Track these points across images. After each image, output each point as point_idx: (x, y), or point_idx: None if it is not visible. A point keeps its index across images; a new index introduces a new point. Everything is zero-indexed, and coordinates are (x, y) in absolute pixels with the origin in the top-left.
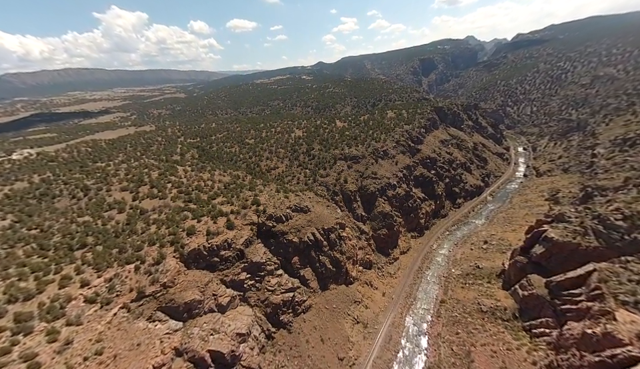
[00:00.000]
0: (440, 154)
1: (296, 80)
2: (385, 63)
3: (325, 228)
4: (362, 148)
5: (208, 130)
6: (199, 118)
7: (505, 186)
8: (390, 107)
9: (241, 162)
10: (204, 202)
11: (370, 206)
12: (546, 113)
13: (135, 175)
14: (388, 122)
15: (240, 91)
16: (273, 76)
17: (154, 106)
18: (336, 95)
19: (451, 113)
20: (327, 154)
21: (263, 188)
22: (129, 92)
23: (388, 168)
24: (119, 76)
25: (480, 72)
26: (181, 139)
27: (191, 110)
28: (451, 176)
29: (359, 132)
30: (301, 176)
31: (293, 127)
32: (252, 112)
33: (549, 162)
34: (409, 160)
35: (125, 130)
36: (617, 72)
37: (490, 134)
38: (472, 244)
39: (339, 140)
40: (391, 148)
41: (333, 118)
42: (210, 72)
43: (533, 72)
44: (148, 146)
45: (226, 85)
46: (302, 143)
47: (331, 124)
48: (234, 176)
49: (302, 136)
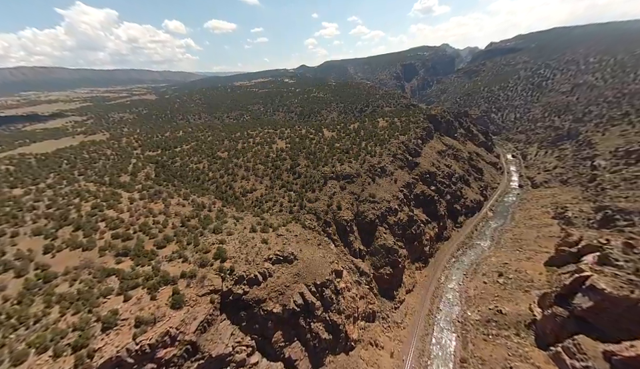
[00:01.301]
0: (439, 167)
1: (278, 83)
2: (368, 68)
3: (317, 283)
4: (356, 165)
5: (173, 140)
6: (165, 125)
7: (503, 199)
8: (380, 114)
9: (210, 182)
10: (145, 256)
11: (369, 238)
12: (529, 120)
13: (60, 208)
14: (381, 132)
15: (217, 94)
16: (254, 78)
17: (117, 109)
18: (321, 100)
19: (444, 121)
20: (315, 173)
21: (234, 226)
22: (93, 92)
23: (387, 187)
24: (83, 75)
25: (460, 78)
26: (137, 152)
27: (158, 115)
28: (451, 191)
29: (351, 143)
30: (285, 201)
31: (274, 137)
32: (229, 117)
33: (544, 172)
34: (408, 177)
35: (70, 139)
36: (596, 80)
37: (481, 142)
38: (484, 276)
39: (328, 154)
40: (388, 164)
41: (320, 126)
42: (187, 73)
43: (514, 79)
44: (91, 163)
45: (202, 87)
46: (285, 157)
47: (318, 134)
48: (197, 204)
49: (285, 148)
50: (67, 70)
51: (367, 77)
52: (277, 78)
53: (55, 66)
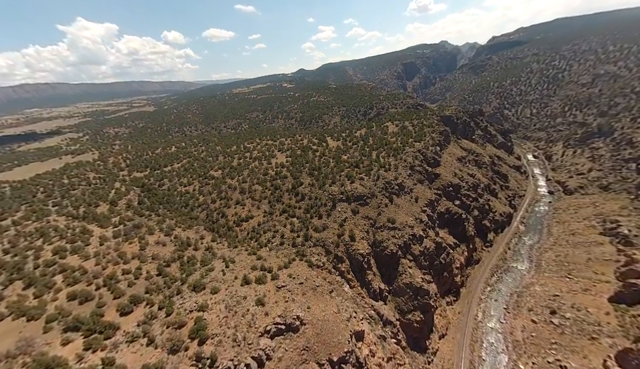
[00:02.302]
0: (462, 178)
1: (277, 88)
2: (367, 69)
3: (334, 359)
4: (369, 182)
5: (164, 157)
6: (160, 139)
7: (534, 209)
8: (387, 118)
9: (200, 208)
10: (101, 332)
11: (391, 273)
12: (548, 115)
13: (17, 254)
14: (392, 139)
15: (215, 103)
16: (252, 84)
17: (114, 123)
18: (322, 104)
19: (460, 122)
20: (321, 193)
21: (222, 276)
22: (94, 106)
23: (407, 208)
24: (85, 90)
25: (466, 74)
26: (123, 173)
27: (154, 128)
28: (478, 205)
29: (360, 155)
30: (286, 231)
31: (273, 149)
32: (226, 127)
33: (577, 176)
34: (430, 192)
35: (57, 161)
36: (619, 70)
37: (501, 143)
38: (531, 312)
39: (335, 170)
40: (405, 178)
41: (323, 134)
42: (187, 83)
43: (526, 72)
44: (70, 190)
45: (200, 96)
46: (286, 175)
47: (321, 144)
48: (181, 242)
49: (285, 163)
50: (69, 86)
51: (367, 78)
52: (275, 83)
53: (58, 82)
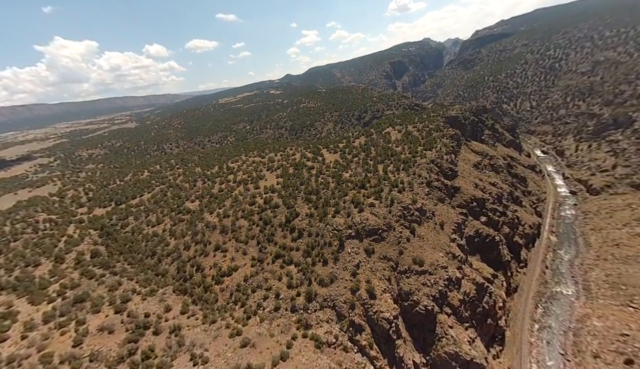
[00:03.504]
0: (484, 188)
1: (264, 96)
2: (354, 70)
3: None
4: (382, 209)
5: (134, 185)
6: (135, 160)
7: (559, 214)
8: (387, 122)
9: (170, 259)
10: None
11: (426, 336)
12: (549, 107)
13: None
14: (398, 147)
15: (199, 115)
16: (239, 93)
17: (89, 144)
18: (312, 111)
19: (468, 123)
20: (323, 227)
21: None
22: (74, 126)
23: (434, 240)
24: (65, 109)
25: (455, 70)
26: (82, 211)
27: (131, 147)
28: (507, 220)
29: (364, 171)
30: (282, 286)
31: (261, 168)
32: (210, 141)
33: (600, 174)
34: (454, 213)
35: (10, 197)
36: (619, 56)
37: (509, 142)
38: (598, 358)
39: (337, 193)
40: (424, 199)
41: (317, 146)
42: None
43: (521, 64)
44: (10, 242)
45: (183, 109)
46: (277, 203)
47: (317, 159)
48: (137, 321)
49: (276, 186)
50: (47, 106)
51: (355, 79)
52: (262, 90)
53: (36, 104)
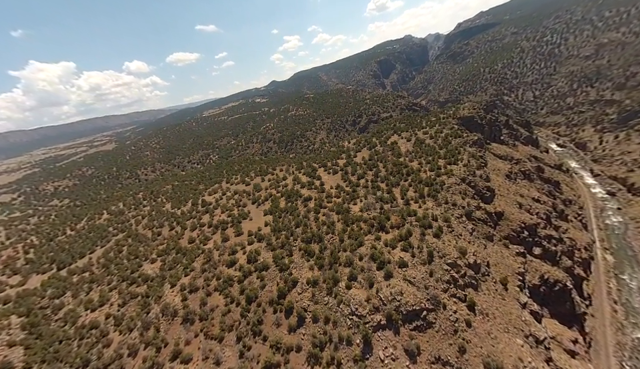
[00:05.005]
0: (530, 208)
1: (250, 105)
2: (340, 72)
3: None
4: (417, 268)
5: (86, 236)
6: (104, 191)
7: (604, 222)
8: (390, 128)
9: None
10: None
11: None
12: (554, 96)
13: None
14: (412, 162)
15: (179, 131)
16: (225, 104)
17: (60, 174)
18: (302, 119)
19: (486, 123)
20: (335, 306)
21: None
22: (51, 152)
23: (501, 312)
24: (43, 134)
25: (445, 64)
26: (12, 282)
27: (101, 175)
28: (566, 249)
29: (378, 201)
30: None
31: (245, 202)
32: (191, 161)
33: (639, 169)
34: (509, 255)
35: None
36: (624, 37)
37: (527, 138)
38: None
39: (348, 241)
40: (471, 241)
41: (313, 165)
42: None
43: (517, 52)
44: None
45: (164, 125)
46: (267, 263)
47: (313, 182)
48: None
49: (264, 231)
50: (24, 133)
51: (342, 81)
52: (248, 100)
53: (12, 131)
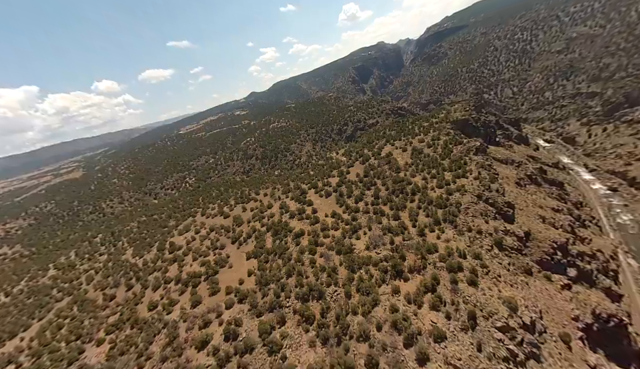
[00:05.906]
0: (554, 221)
1: (229, 119)
2: (320, 80)
3: None
4: (458, 339)
5: (20, 307)
6: (60, 232)
7: (615, 222)
8: (379, 135)
9: None
10: None
11: None
12: (531, 91)
13: None
14: (414, 177)
15: (153, 152)
16: (203, 118)
17: (16, 212)
18: (285, 130)
19: (481, 126)
20: None
21: None
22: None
23: None
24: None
25: (421, 67)
26: None
27: (60, 212)
28: (601, 266)
29: (385, 231)
30: None
31: (224, 242)
32: (164, 187)
33: (637, 162)
34: (554, 291)
35: None
36: (592, 30)
37: (518, 137)
38: None
39: (358, 297)
40: (513, 284)
41: (301, 186)
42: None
43: (491, 51)
44: None
45: (135, 147)
46: (253, 342)
47: (304, 209)
48: None
49: (249, 287)
50: None
51: (322, 89)
52: (227, 113)
53: None
